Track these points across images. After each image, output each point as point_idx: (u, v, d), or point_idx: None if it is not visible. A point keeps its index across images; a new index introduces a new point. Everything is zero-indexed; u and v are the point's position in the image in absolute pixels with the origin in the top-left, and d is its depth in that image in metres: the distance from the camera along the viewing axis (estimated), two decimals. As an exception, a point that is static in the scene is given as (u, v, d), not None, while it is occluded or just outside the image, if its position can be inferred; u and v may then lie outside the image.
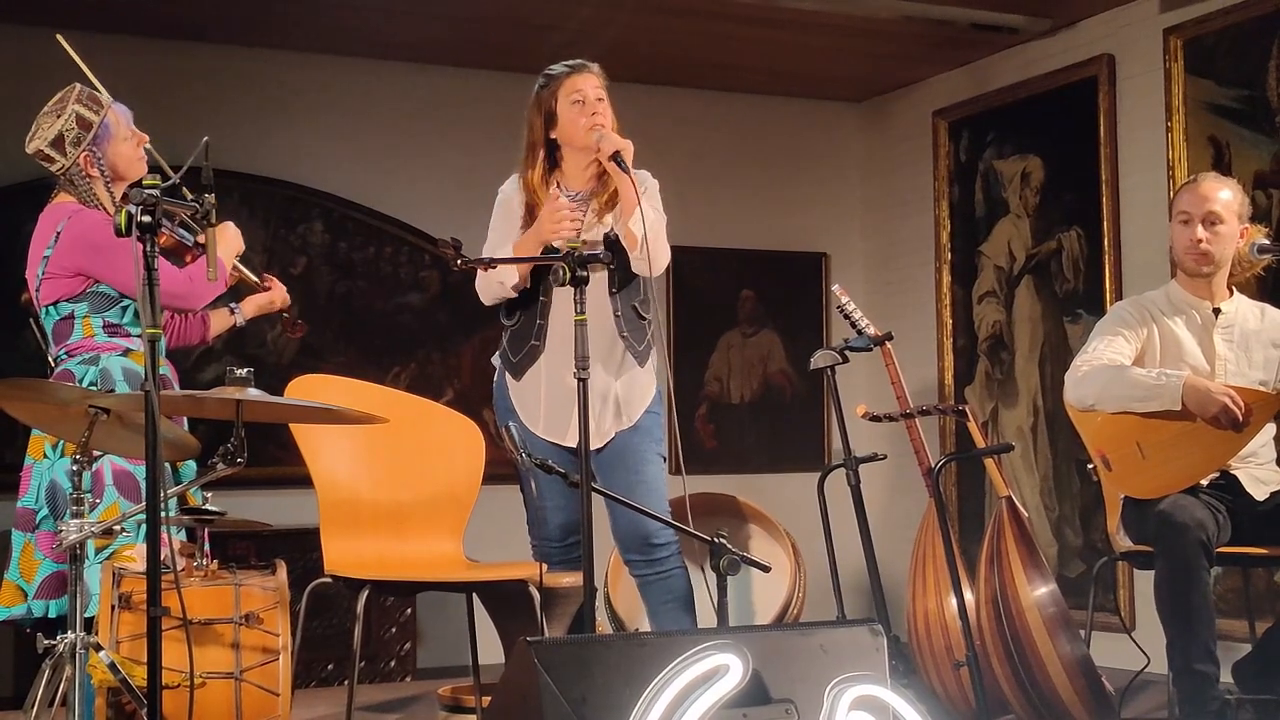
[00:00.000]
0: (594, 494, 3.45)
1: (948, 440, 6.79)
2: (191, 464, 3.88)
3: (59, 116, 3.85)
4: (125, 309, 3.86)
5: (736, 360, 7.32)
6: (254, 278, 4.26)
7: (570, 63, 4.10)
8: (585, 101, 4.01)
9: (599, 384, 3.98)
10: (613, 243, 3.99)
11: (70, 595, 3.21)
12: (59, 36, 4.03)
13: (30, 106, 3.98)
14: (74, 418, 3.21)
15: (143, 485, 3.74)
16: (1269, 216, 5.38)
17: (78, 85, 3.91)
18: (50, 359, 3.92)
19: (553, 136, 4.07)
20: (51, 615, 3.72)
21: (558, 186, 4.08)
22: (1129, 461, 4.08)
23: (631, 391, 4.07)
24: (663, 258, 4.00)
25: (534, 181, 4.06)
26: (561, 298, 3.97)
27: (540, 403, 4.06)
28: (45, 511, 3.75)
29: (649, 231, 3.89)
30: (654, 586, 4.02)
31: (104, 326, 3.85)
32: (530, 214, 4.05)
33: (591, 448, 3.93)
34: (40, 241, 3.87)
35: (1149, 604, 4.16)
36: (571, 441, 3.97)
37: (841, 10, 5.97)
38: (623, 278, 4.04)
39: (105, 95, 3.92)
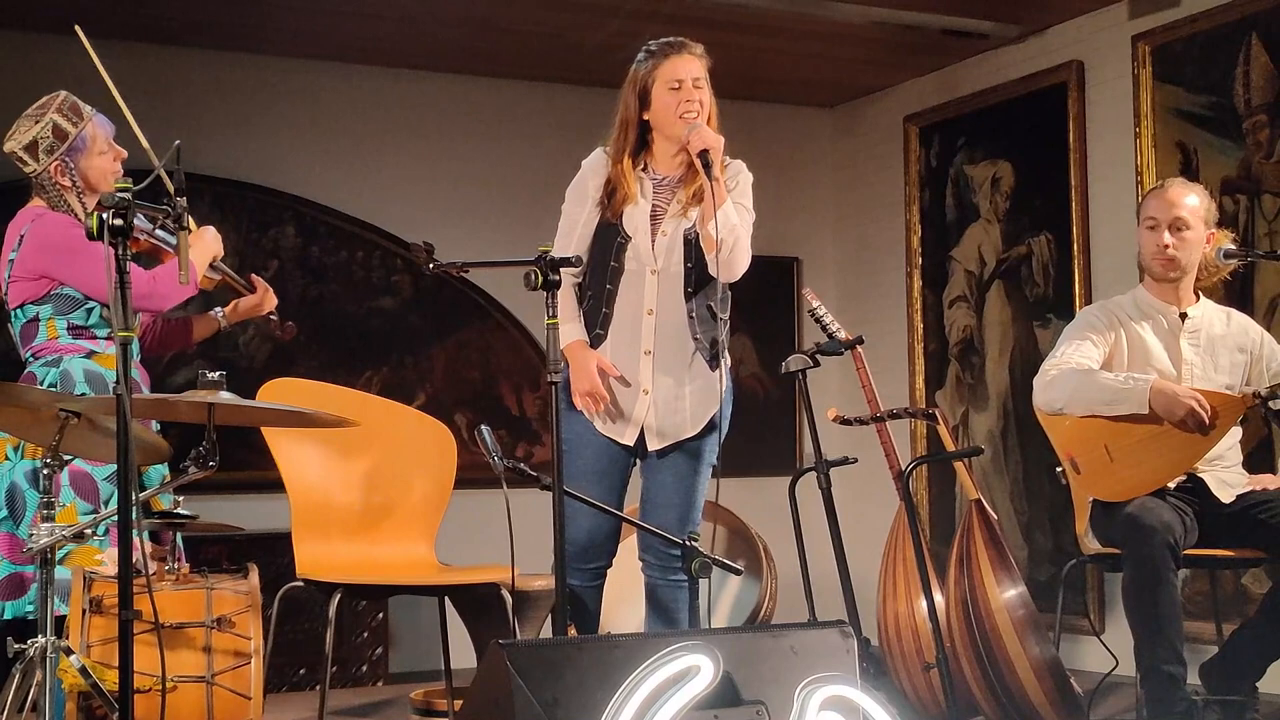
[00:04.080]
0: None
1: (918, 444, 6.82)
2: (160, 467, 3.86)
3: (37, 122, 3.83)
4: (90, 311, 3.84)
5: (709, 364, 7.31)
6: (240, 281, 4.20)
7: (671, 41, 3.87)
8: (682, 88, 3.77)
9: (671, 384, 3.79)
10: (691, 242, 3.77)
11: (40, 600, 3.19)
12: (78, 28, 3.94)
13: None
14: (44, 421, 3.21)
15: (100, 487, 3.74)
16: (1236, 222, 5.42)
17: (62, 93, 3.88)
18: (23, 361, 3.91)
19: (645, 118, 3.83)
20: (7, 617, 3.71)
21: (644, 169, 3.85)
22: (1097, 464, 4.11)
23: (703, 396, 3.81)
24: (742, 262, 3.75)
25: (625, 166, 3.80)
26: (628, 286, 3.79)
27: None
28: (4, 513, 3.74)
29: (732, 234, 3.67)
30: (661, 592, 3.85)
31: (68, 328, 3.84)
32: (610, 196, 3.80)
33: (654, 447, 3.82)
34: (7, 244, 3.88)
35: (1118, 606, 4.20)
36: (629, 440, 3.81)
37: (812, 15, 5.99)
38: (700, 277, 3.77)
39: (88, 108, 3.87)
